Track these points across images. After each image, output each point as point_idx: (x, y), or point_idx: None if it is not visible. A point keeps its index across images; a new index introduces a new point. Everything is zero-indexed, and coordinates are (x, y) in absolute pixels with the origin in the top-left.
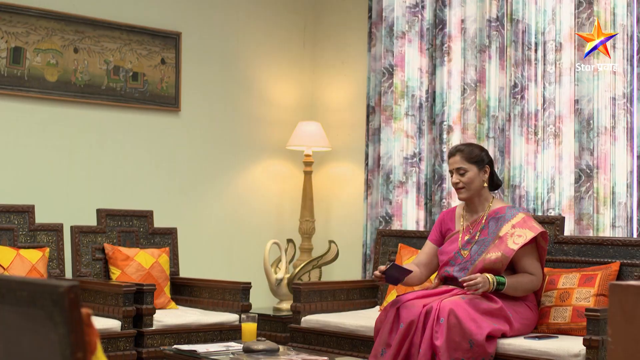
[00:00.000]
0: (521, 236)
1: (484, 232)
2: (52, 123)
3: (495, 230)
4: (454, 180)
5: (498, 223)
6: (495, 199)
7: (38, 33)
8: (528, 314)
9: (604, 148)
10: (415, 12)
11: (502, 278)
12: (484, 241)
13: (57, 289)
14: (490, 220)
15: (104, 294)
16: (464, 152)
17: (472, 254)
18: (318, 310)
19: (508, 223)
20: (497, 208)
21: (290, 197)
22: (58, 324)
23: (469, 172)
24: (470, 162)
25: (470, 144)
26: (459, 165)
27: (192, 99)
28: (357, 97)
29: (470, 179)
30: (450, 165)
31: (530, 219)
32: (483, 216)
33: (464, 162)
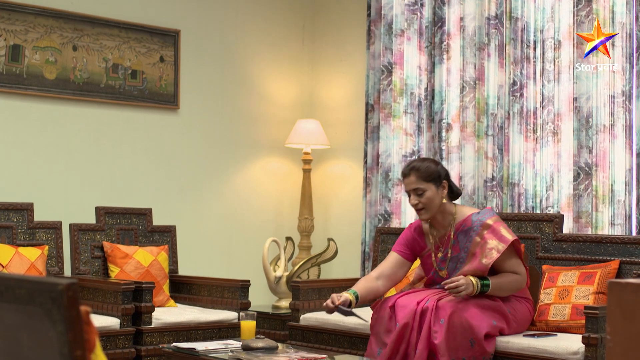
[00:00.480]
0: (492, 249)
1: (455, 247)
2: (51, 121)
3: (467, 244)
4: (412, 202)
5: (467, 236)
6: (458, 207)
7: (37, 31)
8: (524, 311)
9: (602, 146)
10: (414, 10)
11: (486, 280)
12: (458, 257)
13: (55, 286)
14: (458, 234)
15: (102, 292)
16: (420, 170)
17: (450, 271)
18: (317, 308)
19: (478, 235)
20: (463, 220)
21: (289, 195)
22: (57, 322)
23: (427, 191)
24: (427, 181)
25: (423, 160)
26: (415, 186)
27: (191, 97)
28: (356, 95)
29: (429, 198)
30: (406, 186)
31: (498, 227)
32: (450, 231)
33: (420, 182)
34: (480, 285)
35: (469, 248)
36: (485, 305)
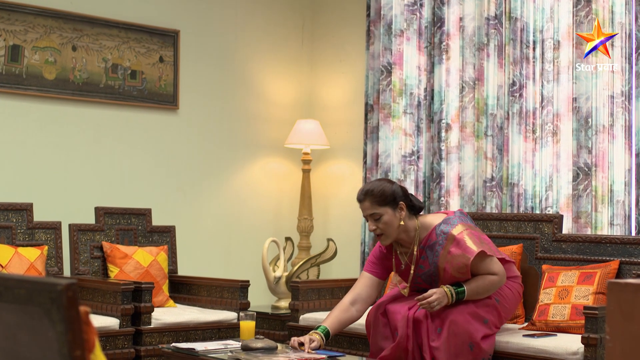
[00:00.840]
0: (461, 265)
1: (424, 262)
2: (51, 121)
3: (434, 259)
4: (370, 228)
5: (434, 250)
6: (421, 219)
7: (36, 31)
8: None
9: (602, 146)
10: (414, 10)
11: (460, 287)
12: (429, 272)
13: (55, 287)
14: (425, 249)
15: (102, 292)
16: (374, 194)
17: (428, 283)
18: (316, 309)
19: (444, 250)
20: (428, 234)
21: (288, 195)
22: (56, 322)
23: (384, 216)
24: (383, 205)
25: (378, 181)
26: (371, 212)
27: (191, 97)
28: (355, 95)
29: (386, 223)
30: (364, 212)
31: (462, 238)
32: (415, 249)
33: (375, 207)
34: (456, 294)
35: (437, 263)
36: (476, 305)
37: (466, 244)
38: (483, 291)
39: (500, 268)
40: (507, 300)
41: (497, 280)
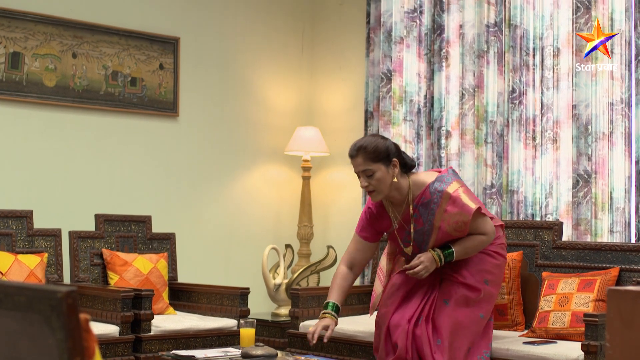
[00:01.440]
0: (458, 222)
1: (418, 221)
2: (51, 128)
3: (429, 217)
4: (362, 184)
5: (428, 208)
6: (413, 178)
7: (36, 38)
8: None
9: (601, 153)
10: (414, 18)
11: (448, 249)
12: (423, 230)
13: (55, 294)
14: (419, 207)
15: (102, 300)
16: (367, 150)
17: (419, 244)
18: (316, 316)
19: (440, 208)
20: (421, 192)
21: (288, 202)
22: (56, 329)
23: (376, 172)
24: (376, 161)
25: (372, 137)
26: (363, 168)
27: (191, 104)
28: (355, 102)
29: (379, 180)
30: (355, 168)
31: (458, 196)
32: (410, 207)
33: (369, 163)
34: (444, 257)
35: (432, 221)
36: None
37: (463, 202)
38: (472, 251)
39: (491, 227)
40: (495, 277)
41: (485, 239)
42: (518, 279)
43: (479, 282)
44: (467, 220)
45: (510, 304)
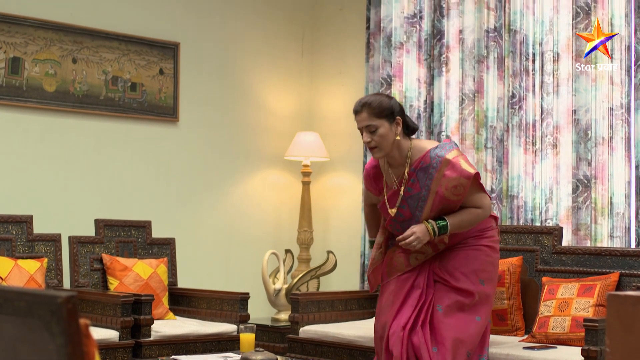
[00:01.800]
0: (457, 187)
1: (414, 186)
2: (51, 133)
3: (427, 182)
4: (365, 140)
5: (427, 173)
6: (414, 142)
7: (36, 43)
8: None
9: (601, 158)
10: (413, 23)
11: (442, 221)
12: (419, 196)
13: (55, 299)
14: (417, 172)
15: (102, 305)
16: (372, 106)
17: (412, 209)
18: (316, 321)
19: (438, 173)
20: (420, 157)
21: (288, 207)
22: (56, 335)
23: (380, 128)
24: (380, 117)
25: (377, 95)
26: (367, 123)
27: (191, 109)
28: None
29: (382, 136)
30: (358, 124)
31: (457, 162)
32: (407, 170)
33: (372, 119)
34: (438, 229)
35: (430, 186)
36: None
37: (462, 167)
38: (466, 225)
39: (488, 202)
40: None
41: (481, 213)
42: (518, 284)
43: (473, 284)
44: (466, 184)
45: (510, 309)
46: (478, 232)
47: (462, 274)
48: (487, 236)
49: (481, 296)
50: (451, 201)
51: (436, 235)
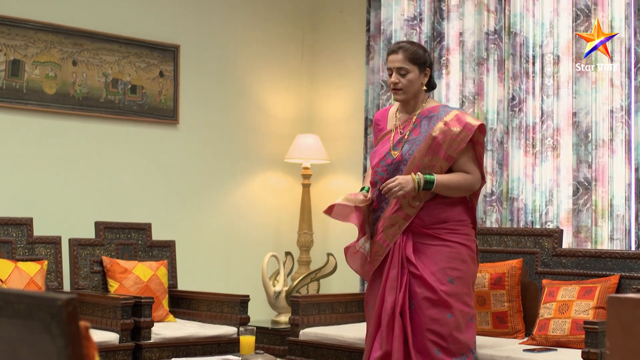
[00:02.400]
0: (456, 137)
1: (415, 130)
2: (51, 135)
3: (428, 129)
4: (392, 80)
5: (431, 121)
6: (430, 99)
7: (37, 46)
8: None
9: (602, 161)
10: (414, 25)
11: (430, 176)
12: (415, 140)
13: (55, 301)
14: (422, 119)
15: (102, 307)
16: (408, 51)
17: (404, 153)
18: (316, 323)
19: (441, 121)
20: (431, 107)
21: (288, 209)
22: (56, 337)
23: (410, 73)
24: (413, 63)
25: (413, 42)
26: (400, 65)
27: (191, 112)
28: (355, 110)
29: (410, 81)
30: (391, 63)
31: (464, 115)
32: (415, 115)
33: (406, 62)
34: (424, 182)
35: (429, 131)
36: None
37: (466, 120)
38: (454, 187)
39: (476, 170)
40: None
41: (471, 180)
42: (518, 287)
43: (440, 282)
44: (467, 137)
45: (510, 311)
46: (452, 226)
47: (431, 272)
48: (460, 232)
49: (449, 295)
50: (444, 154)
51: (420, 187)
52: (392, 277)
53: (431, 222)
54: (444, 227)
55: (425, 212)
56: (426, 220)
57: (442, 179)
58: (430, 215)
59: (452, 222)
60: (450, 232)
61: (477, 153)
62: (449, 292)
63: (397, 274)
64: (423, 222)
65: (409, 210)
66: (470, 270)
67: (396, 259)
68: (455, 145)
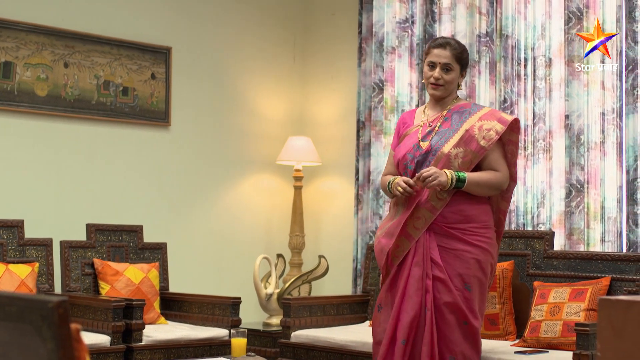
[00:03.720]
0: (490, 130)
1: (446, 123)
2: (42, 138)
3: (460, 122)
4: (435, 75)
5: (462, 116)
6: (459, 98)
7: (28, 48)
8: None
9: (594, 163)
10: (405, 28)
11: (462, 173)
12: (446, 132)
13: (46, 304)
14: (454, 113)
15: (93, 309)
16: (456, 49)
17: (433, 144)
18: (308, 326)
19: (474, 116)
20: (462, 104)
21: (280, 212)
22: (47, 339)
23: (453, 71)
24: (458, 62)
25: (458, 41)
26: (447, 61)
27: (182, 114)
28: (347, 112)
29: (452, 79)
30: (436, 57)
31: (497, 111)
32: (445, 110)
33: (452, 60)
34: (456, 179)
35: (462, 124)
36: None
37: (501, 114)
38: (484, 184)
39: (505, 168)
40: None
41: (500, 177)
42: (509, 289)
43: (457, 289)
44: (501, 130)
45: (502, 313)
46: (475, 228)
47: (449, 277)
48: (483, 235)
49: (465, 300)
50: (476, 146)
51: (453, 184)
52: (415, 276)
53: (455, 220)
54: (468, 228)
55: (449, 209)
56: (449, 218)
57: (473, 176)
58: (454, 212)
59: (475, 223)
60: (473, 234)
61: (509, 152)
62: (464, 298)
63: (422, 274)
64: (446, 219)
65: (435, 202)
66: (487, 275)
67: (419, 257)
68: (488, 137)
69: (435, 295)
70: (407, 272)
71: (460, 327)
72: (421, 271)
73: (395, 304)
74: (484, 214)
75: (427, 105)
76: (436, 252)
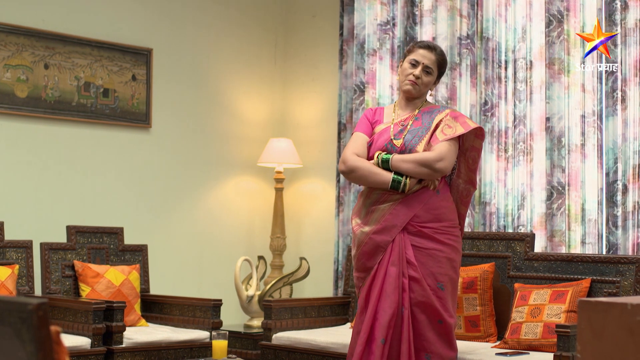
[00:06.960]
0: (451, 128)
1: (416, 122)
2: (22, 139)
3: (430, 121)
4: (416, 73)
5: (432, 115)
6: (428, 101)
7: (8, 49)
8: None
9: (575, 165)
10: (387, 30)
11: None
12: (418, 130)
13: (25, 306)
14: (424, 113)
15: (73, 312)
16: (441, 56)
17: (406, 142)
18: (289, 327)
19: (442, 113)
20: (431, 106)
21: (261, 213)
22: (26, 342)
23: (431, 75)
24: (438, 69)
25: (443, 51)
26: (430, 64)
27: (163, 116)
28: (328, 114)
29: (429, 82)
30: (422, 58)
31: (464, 116)
32: (416, 110)
33: (435, 65)
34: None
35: (432, 123)
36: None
37: (466, 119)
38: (409, 160)
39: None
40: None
41: (428, 155)
42: (490, 290)
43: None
44: (460, 133)
45: (483, 315)
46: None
47: (423, 276)
48: (453, 234)
49: (438, 302)
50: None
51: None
52: (392, 275)
53: (427, 219)
54: (439, 227)
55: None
56: (422, 217)
57: (398, 156)
58: (425, 211)
59: (446, 222)
60: (444, 233)
61: (471, 158)
62: (438, 299)
63: (399, 273)
64: (419, 218)
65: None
66: (457, 272)
67: (395, 256)
68: (446, 132)
69: (410, 294)
70: (384, 271)
71: (434, 326)
72: (398, 270)
73: (372, 302)
74: (452, 212)
75: (396, 105)
76: (410, 251)
